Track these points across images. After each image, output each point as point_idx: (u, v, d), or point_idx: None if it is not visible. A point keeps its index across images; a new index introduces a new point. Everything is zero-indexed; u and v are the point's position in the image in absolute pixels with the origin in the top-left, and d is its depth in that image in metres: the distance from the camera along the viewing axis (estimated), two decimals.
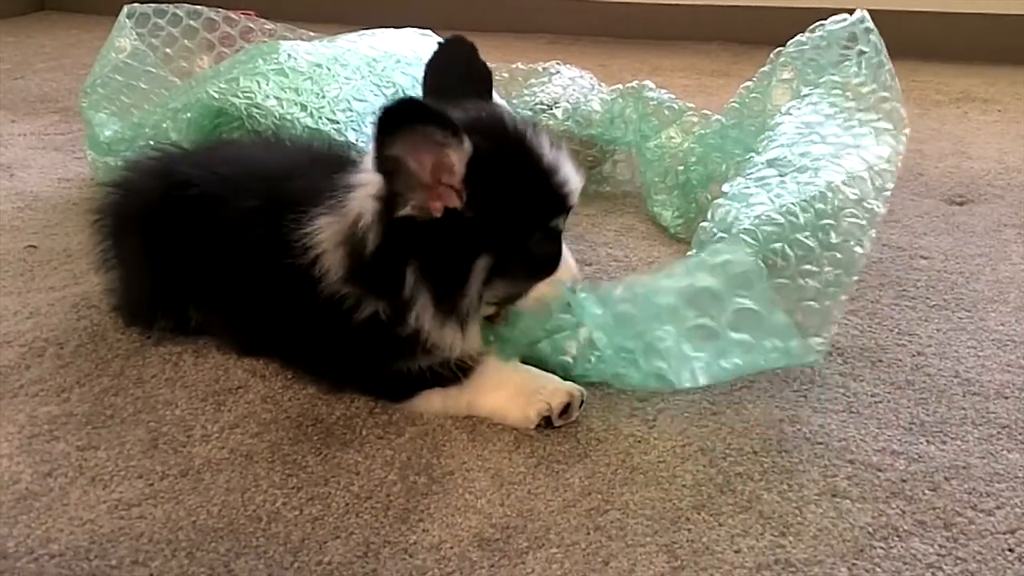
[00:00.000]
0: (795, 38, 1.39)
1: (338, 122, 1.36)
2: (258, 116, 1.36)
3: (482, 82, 1.05)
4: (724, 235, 1.00)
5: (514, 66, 1.81)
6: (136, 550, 0.82)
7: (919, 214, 1.61)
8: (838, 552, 0.81)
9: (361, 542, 0.83)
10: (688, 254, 1.04)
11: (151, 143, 1.42)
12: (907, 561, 0.80)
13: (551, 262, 0.98)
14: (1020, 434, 0.98)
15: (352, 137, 1.35)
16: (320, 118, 1.36)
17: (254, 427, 1.00)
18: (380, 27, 1.66)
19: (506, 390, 0.99)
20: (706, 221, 1.07)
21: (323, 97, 1.39)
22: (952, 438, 0.97)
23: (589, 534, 0.84)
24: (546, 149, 0.94)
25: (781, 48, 1.40)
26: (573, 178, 0.96)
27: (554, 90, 1.70)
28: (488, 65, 1.06)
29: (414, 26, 1.70)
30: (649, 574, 0.79)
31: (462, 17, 3.15)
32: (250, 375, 1.09)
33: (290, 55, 1.45)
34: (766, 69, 1.42)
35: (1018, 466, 0.93)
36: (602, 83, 1.75)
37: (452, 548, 0.82)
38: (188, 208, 1.08)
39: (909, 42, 2.16)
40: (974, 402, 1.04)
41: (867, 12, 1.34)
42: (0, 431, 0.98)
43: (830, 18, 1.36)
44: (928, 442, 0.97)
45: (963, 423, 1.00)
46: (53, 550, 0.82)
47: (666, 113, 1.57)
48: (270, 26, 1.87)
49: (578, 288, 0.98)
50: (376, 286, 0.94)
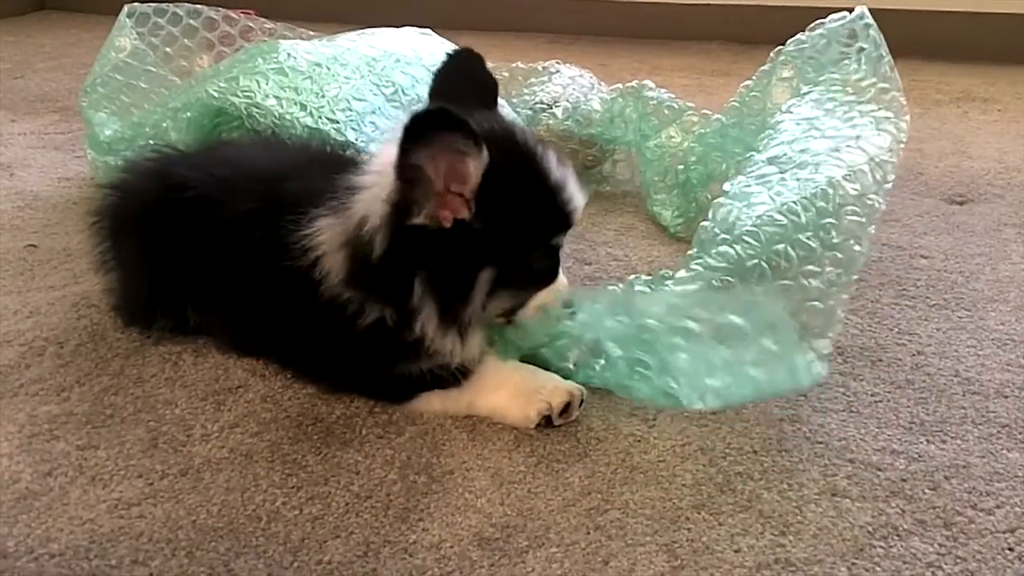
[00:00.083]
0: (795, 37, 1.39)
1: (338, 121, 1.36)
2: (258, 115, 1.36)
3: (488, 93, 1.05)
4: (726, 236, 1.00)
5: (514, 65, 1.81)
6: (136, 549, 0.82)
7: (919, 213, 1.61)
8: (838, 551, 0.81)
9: (361, 541, 0.83)
10: (689, 253, 1.03)
11: (151, 142, 1.43)
12: (907, 560, 0.80)
13: (550, 275, 0.99)
14: (1020, 433, 0.98)
15: (352, 136, 1.35)
16: (320, 117, 1.36)
17: (254, 426, 1.00)
18: (380, 26, 1.67)
19: (506, 390, 0.99)
20: (707, 221, 1.07)
21: (323, 96, 1.39)
22: (952, 437, 0.97)
23: (589, 533, 0.84)
24: (554, 166, 0.94)
25: (781, 47, 1.40)
26: (577, 197, 0.96)
27: (554, 89, 1.70)
28: (494, 76, 1.06)
29: (414, 25, 1.70)
30: (649, 573, 0.79)
31: (462, 17, 3.15)
32: (250, 374, 1.09)
33: (290, 54, 1.45)
34: (766, 68, 1.42)
35: (1018, 465, 0.93)
36: (602, 82, 1.75)
37: (452, 547, 0.82)
38: (185, 210, 1.08)
39: (909, 41, 2.16)
40: (974, 401, 1.04)
41: (867, 9, 1.34)
42: (0, 430, 0.99)
43: (829, 16, 1.36)
44: (928, 441, 0.97)
45: (963, 422, 1.00)
46: (53, 549, 0.82)
47: (666, 112, 1.57)
48: (270, 25, 1.87)
49: (599, 298, 0.98)
50: (381, 292, 0.94)
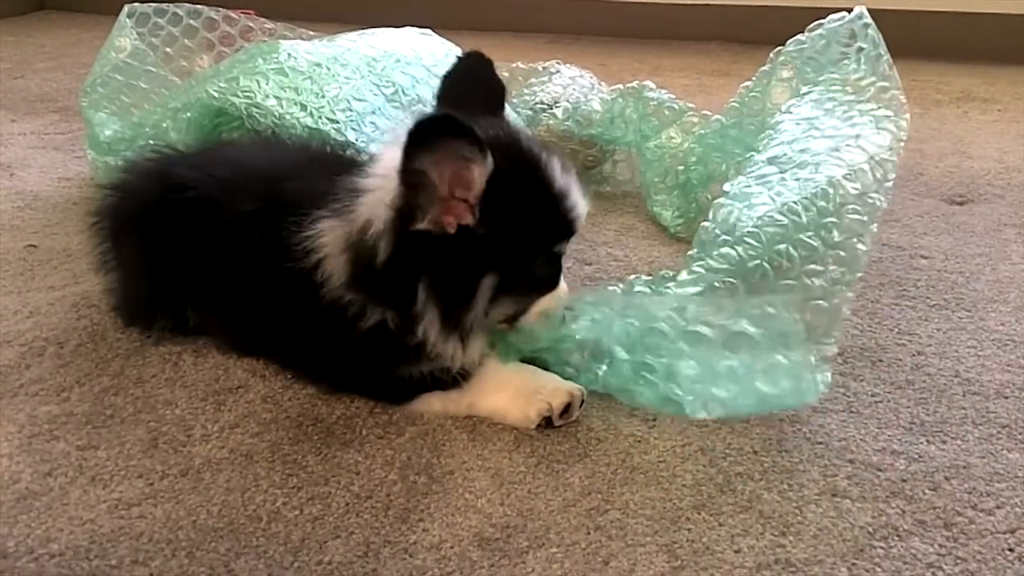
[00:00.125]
0: (795, 37, 1.39)
1: (338, 122, 1.36)
2: (258, 115, 1.36)
3: (496, 98, 1.05)
4: (727, 237, 1.00)
5: (514, 65, 1.81)
6: (136, 550, 0.82)
7: (919, 214, 1.61)
8: (838, 552, 0.81)
9: (361, 542, 0.83)
10: (689, 253, 1.03)
11: (151, 143, 1.43)
12: (907, 561, 0.80)
13: (551, 282, 1.00)
14: (1020, 434, 0.98)
15: (352, 137, 1.35)
16: (320, 118, 1.36)
17: (254, 427, 1.00)
18: (380, 26, 1.67)
19: (507, 391, 0.99)
20: (707, 221, 1.07)
21: (323, 96, 1.39)
22: (952, 438, 0.97)
23: (589, 534, 0.84)
24: (558, 174, 0.94)
25: (781, 47, 1.40)
26: (581, 204, 0.96)
27: (554, 89, 1.70)
28: (502, 81, 1.06)
29: (414, 25, 1.70)
30: (649, 574, 0.79)
31: (462, 17, 3.15)
32: (250, 375, 1.09)
33: (290, 54, 1.45)
34: (766, 68, 1.42)
35: (1018, 466, 0.93)
36: (602, 83, 1.75)
37: (452, 548, 0.82)
38: (185, 210, 1.08)
39: (909, 42, 2.16)
40: (974, 402, 1.04)
41: (866, 9, 1.34)
42: (0, 431, 0.99)
43: (829, 16, 1.36)
44: (928, 442, 0.97)
45: (963, 423, 1.00)
46: (53, 549, 0.82)
47: (666, 113, 1.57)
48: (270, 25, 1.87)
49: (609, 300, 0.98)
50: (384, 296, 0.94)
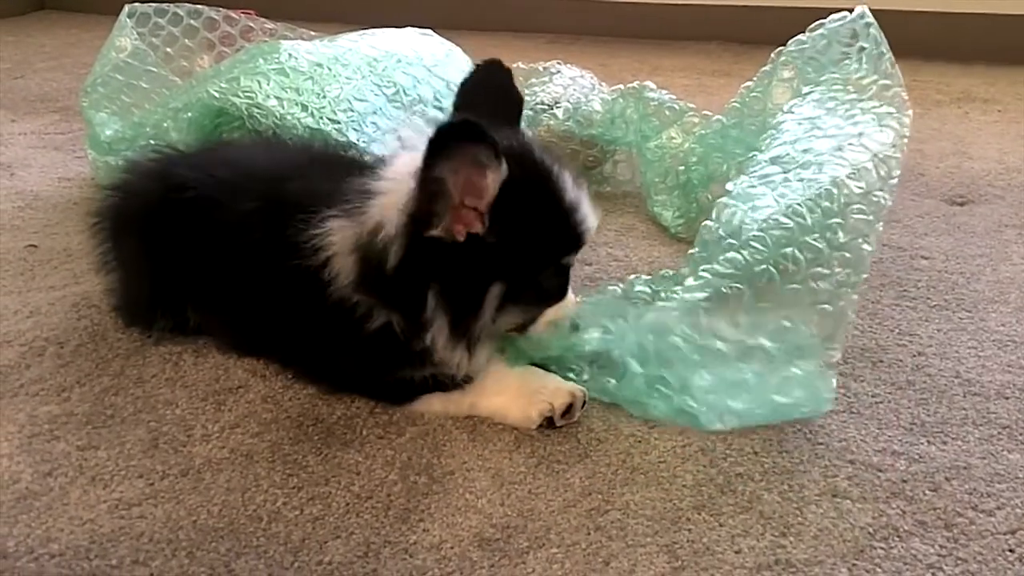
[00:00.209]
0: (795, 37, 1.39)
1: (339, 122, 1.36)
2: (259, 116, 1.36)
3: (514, 108, 1.05)
4: (733, 241, 0.99)
5: (514, 66, 1.78)
6: (136, 550, 0.82)
7: (920, 214, 1.61)
8: (838, 552, 0.81)
9: (361, 542, 0.83)
10: (690, 252, 1.03)
11: (151, 143, 1.43)
12: (907, 561, 0.80)
13: (559, 293, 1.00)
14: (1021, 434, 0.98)
15: (353, 137, 1.35)
16: (321, 118, 1.36)
17: (254, 427, 0.99)
18: (381, 27, 1.67)
19: (508, 392, 0.99)
20: (710, 220, 1.07)
21: (324, 97, 1.39)
22: (953, 438, 0.97)
23: (590, 534, 0.84)
24: (569, 186, 0.94)
25: (782, 47, 1.40)
26: (590, 218, 0.97)
27: (555, 90, 1.70)
28: (520, 91, 1.06)
29: (414, 25, 1.70)
30: (650, 574, 0.79)
31: (462, 17, 3.15)
32: (250, 375, 1.09)
33: (291, 55, 1.45)
34: (767, 68, 1.41)
35: (1019, 466, 0.93)
36: (603, 83, 1.75)
37: (452, 548, 0.82)
38: (186, 210, 1.08)
39: (910, 42, 2.15)
40: (975, 402, 1.04)
41: (867, 8, 1.34)
42: (0, 431, 0.98)
43: (830, 16, 1.36)
44: (929, 442, 0.96)
45: (964, 423, 1.00)
46: (53, 549, 0.82)
47: (667, 113, 1.57)
48: (270, 25, 1.87)
49: (624, 312, 0.98)
50: (392, 300, 0.93)
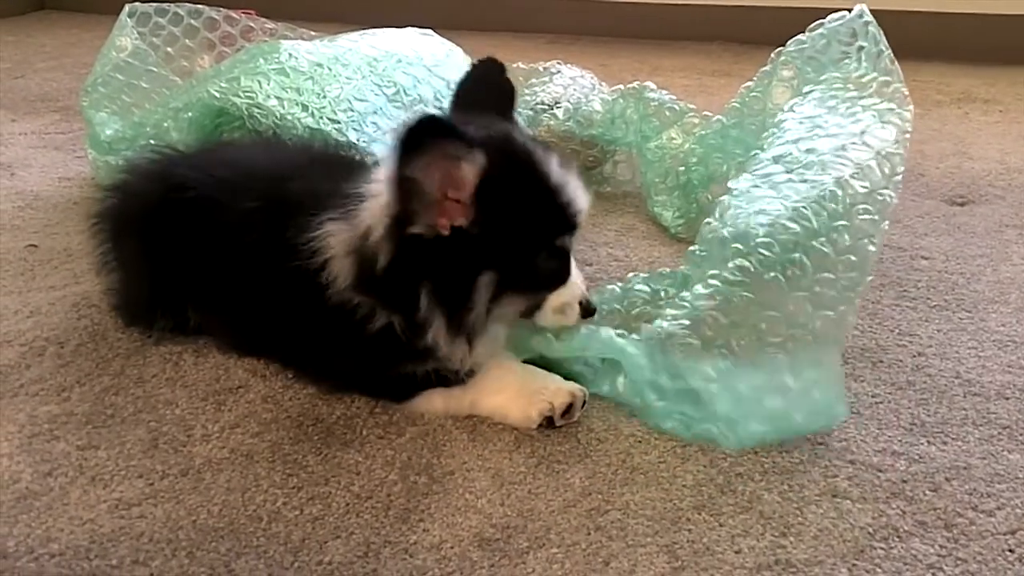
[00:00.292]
0: (795, 37, 1.39)
1: (339, 122, 1.36)
2: (259, 116, 1.36)
3: (506, 99, 1.06)
4: (739, 246, 0.99)
5: (514, 66, 1.80)
6: (136, 550, 0.82)
7: (920, 214, 1.61)
8: (838, 552, 0.81)
9: (361, 542, 0.83)
10: (690, 249, 1.03)
11: (152, 143, 1.43)
12: (908, 562, 0.80)
13: (558, 277, 0.98)
14: (1021, 435, 0.98)
15: (353, 137, 1.35)
16: (321, 118, 1.36)
17: (255, 427, 0.99)
18: (381, 27, 1.67)
19: (508, 391, 0.99)
20: (712, 219, 1.07)
21: (324, 97, 1.39)
22: (953, 439, 0.97)
23: (590, 534, 0.84)
24: (554, 168, 0.93)
25: (782, 47, 1.40)
26: (580, 198, 0.95)
27: (555, 90, 1.70)
28: (513, 83, 1.07)
29: (415, 25, 1.70)
30: (650, 574, 0.79)
31: (462, 17, 3.15)
32: (250, 375, 1.09)
33: (291, 55, 1.45)
34: (767, 68, 1.42)
35: (1019, 467, 0.93)
36: (603, 83, 1.75)
37: (452, 548, 0.82)
38: (186, 210, 1.08)
39: (910, 42, 2.15)
40: (975, 403, 1.04)
41: (866, 7, 1.34)
42: (0, 430, 0.98)
43: (829, 16, 1.36)
44: (929, 443, 0.96)
45: (964, 424, 1.00)
46: (53, 549, 0.82)
47: (667, 114, 1.57)
48: (271, 25, 1.87)
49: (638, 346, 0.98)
50: (388, 300, 0.94)
